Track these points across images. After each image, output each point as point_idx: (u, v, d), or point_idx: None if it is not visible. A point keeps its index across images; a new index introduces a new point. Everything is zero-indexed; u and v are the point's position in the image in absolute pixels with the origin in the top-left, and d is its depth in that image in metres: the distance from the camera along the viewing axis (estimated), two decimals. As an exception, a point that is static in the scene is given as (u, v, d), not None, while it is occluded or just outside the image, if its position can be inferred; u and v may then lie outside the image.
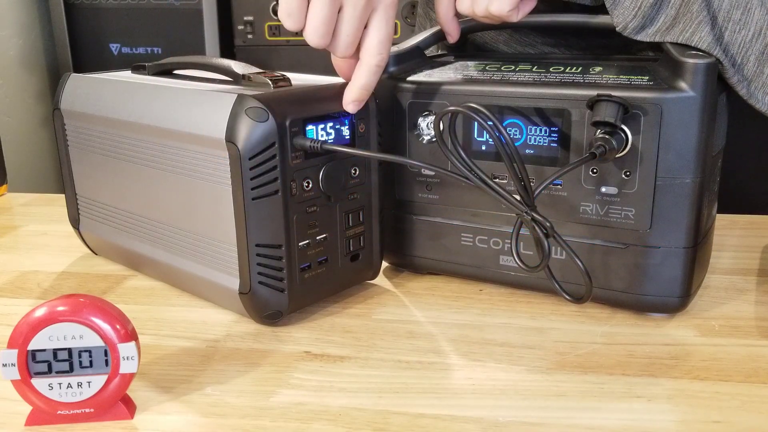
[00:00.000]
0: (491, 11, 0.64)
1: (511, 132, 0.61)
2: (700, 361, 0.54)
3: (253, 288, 0.58)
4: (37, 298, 0.68)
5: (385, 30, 0.58)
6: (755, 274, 0.70)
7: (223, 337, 0.59)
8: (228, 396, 0.51)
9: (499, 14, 0.64)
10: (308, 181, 0.59)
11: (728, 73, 0.59)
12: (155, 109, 0.62)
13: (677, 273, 0.59)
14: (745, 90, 0.59)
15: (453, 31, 0.70)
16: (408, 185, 0.68)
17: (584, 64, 0.62)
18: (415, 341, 0.58)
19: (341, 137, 0.61)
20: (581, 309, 0.63)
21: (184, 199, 0.62)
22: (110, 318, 0.46)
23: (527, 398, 0.50)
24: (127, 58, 1.95)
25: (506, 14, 0.64)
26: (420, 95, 0.65)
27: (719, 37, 0.58)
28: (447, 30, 0.70)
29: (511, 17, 0.64)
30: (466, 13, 0.67)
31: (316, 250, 0.61)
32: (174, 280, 0.68)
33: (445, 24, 0.70)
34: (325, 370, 0.54)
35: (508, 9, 0.63)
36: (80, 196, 0.75)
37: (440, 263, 0.68)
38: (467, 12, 0.67)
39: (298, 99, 0.58)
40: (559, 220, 0.61)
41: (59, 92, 0.72)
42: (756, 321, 0.60)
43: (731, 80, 0.59)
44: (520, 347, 0.57)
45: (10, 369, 0.46)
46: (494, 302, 0.65)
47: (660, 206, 0.57)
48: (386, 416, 0.48)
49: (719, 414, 0.48)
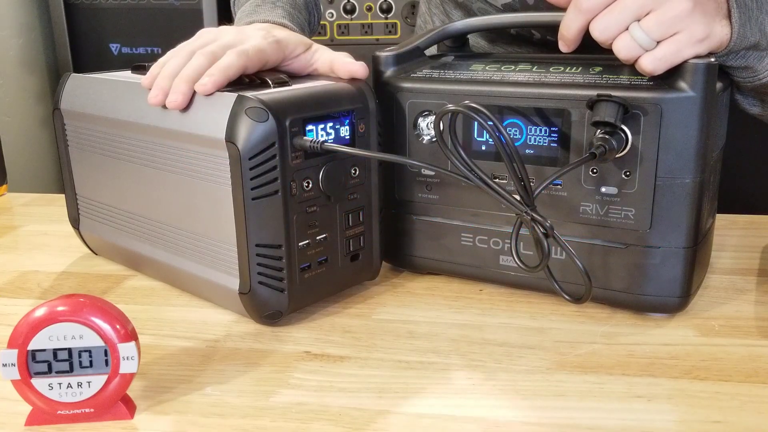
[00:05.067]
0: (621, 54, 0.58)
1: (511, 132, 0.61)
2: (700, 361, 0.54)
3: (253, 288, 0.58)
4: (37, 298, 0.68)
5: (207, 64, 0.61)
6: (755, 274, 0.70)
7: (223, 337, 0.59)
8: (228, 396, 0.51)
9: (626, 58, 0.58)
10: (308, 181, 0.59)
11: None
12: (155, 109, 0.62)
13: (677, 273, 0.59)
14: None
15: (573, 46, 0.62)
16: (408, 185, 0.68)
17: (584, 64, 0.62)
18: (415, 341, 0.58)
19: (341, 137, 0.61)
20: (581, 309, 0.63)
21: (184, 199, 0.62)
22: (110, 318, 0.46)
23: (527, 398, 0.50)
24: (127, 58, 1.95)
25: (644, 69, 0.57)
26: (420, 95, 0.65)
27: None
28: (568, 45, 0.62)
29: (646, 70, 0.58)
30: (599, 40, 0.59)
31: (316, 250, 0.61)
32: (174, 280, 0.68)
33: (570, 41, 0.61)
34: (325, 370, 0.54)
35: (650, 69, 0.57)
36: (80, 196, 0.75)
37: (440, 263, 0.68)
38: (601, 39, 0.59)
39: (298, 99, 0.58)
40: (559, 220, 0.61)
41: (59, 92, 0.72)
42: (756, 321, 0.60)
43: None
44: (520, 347, 0.57)
45: (10, 369, 0.46)
46: (494, 302, 0.65)
47: (660, 206, 0.57)
48: (386, 416, 0.48)
49: (719, 414, 0.48)
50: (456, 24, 0.72)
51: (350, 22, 1.87)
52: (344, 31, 1.88)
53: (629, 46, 0.56)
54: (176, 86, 0.59)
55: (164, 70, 0.61)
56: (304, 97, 0.59)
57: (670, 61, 0.56)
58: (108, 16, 1.93)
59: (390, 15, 1.86)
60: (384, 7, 1.85)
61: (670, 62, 0.56)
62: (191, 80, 0.59)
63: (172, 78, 0.60)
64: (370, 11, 1.86)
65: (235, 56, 0.60)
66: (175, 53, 0.63)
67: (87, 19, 1.94)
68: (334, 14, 1.87)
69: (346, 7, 1.86)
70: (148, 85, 0.62)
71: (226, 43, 0.62)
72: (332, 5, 1.86)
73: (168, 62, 0.62)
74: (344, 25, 1.87)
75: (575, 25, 0.59)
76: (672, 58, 0.56)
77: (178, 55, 0.62)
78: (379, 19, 1.86)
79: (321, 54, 0.67)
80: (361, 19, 1.87)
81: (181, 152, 0.61)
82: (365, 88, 0.63)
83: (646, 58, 0.56)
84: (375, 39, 1.87)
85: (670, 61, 0.56)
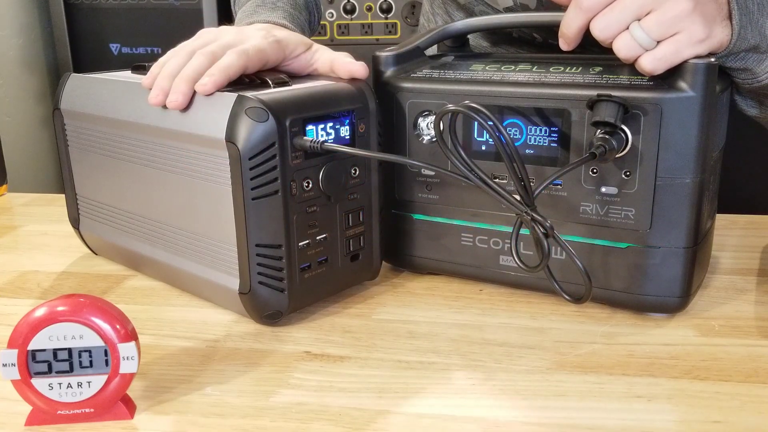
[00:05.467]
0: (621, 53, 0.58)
1: (511, 132, 0.61)
2: (700, 361, 0.54)
3: (253, 288, 0.58)
4: (37, 298, 0.68)
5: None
6: (755, 274, 0.70)
7: (223, 337, 0.59)
8: (228, 396, 0.51)
9: (626, 57, 0.58)
10: (308, 181, 0.59)
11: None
12: (155, 109, 0.62)
13: (677, 273, 0.59)
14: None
15: (573, 44, 0.62)
16: (408, 185, 0.68)
17: (584, 64, 0.62)
18: (415, 341, 0.58)
19: (341, 137, 0.61)
20: (581, 309, 0.63)
21: (184, 199, 0.62)
22: (110, 318, 0.46)
23: (527, 398, 0.50)
24: (127, 58, 1.95)
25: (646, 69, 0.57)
26: (420, 95, 0.65)
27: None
28: (568, 43, 0.62)
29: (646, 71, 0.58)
30: (599, 39, 0.59)
31: (316, 250, 0.61)
32: (174, 280, 0.68)
33: (570, 39, 0.61)
34: (325, 370, 0.54)
35: (649, 69, 0.57)
36: (80, 196, 0.75)
37: (440, 263, 0.68)
38: (601, 38, 0.59)
39: (298, 99, 0.58)
40: (559, 220, 0.61)
41: (59, 92, 0.72)
42: (756, 321, 0.60)
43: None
44: (520, 347, 0.57)
45: (10, 369, 0.46)
46: (494, 302, 0.65)
47: (660, 206, 0.57)
48: (386, 416, 0.48)
49: (719, 414, 0.48)
50: (456, 24, 0.72)
51: (350, 22, 1.87)
52: (344, 31, 1.88)
53: (629, 46, 0.56)
54: (176, 86, 0.59)
55: (164, 69, 0.61)
56: (304, 97, 0.59)
57: (669, 61, 0.56)
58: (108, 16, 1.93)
59: (390, 15, 1.86)
60: (384, 7, 1.85)
61: (670, 62, 0.56)
62: (191, 80, 0.59)
63: (172, 78, 0.60)
64: (370, 11, 1.86)
65: (236, 56, 0.60)
66: (175, 53, 0.63)
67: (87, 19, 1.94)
68: (334, 14, 1.87)
69: (346, 7, 1.86)
70: (149, 86, 0.62)
71: (227, 43, 0.62)
72: (332, 5, 1.86)
73: (168, 62, 0.62)
74: (344, 25, 1.87)
75: (576, 23, 0.59)
76: (672, 58, 0.56)
77: (178, 54, 0.62)
78: (379, 19, 1.86)
79: (321, 54, 0.67)
80: (361, 19, 1.87)
81: (181, 152, 0.61)
82: (365, 88, 0.63)
83: (646, 58, 0.56)
84: (375, 39, 1.87)
85: (670, 61, 0.56)
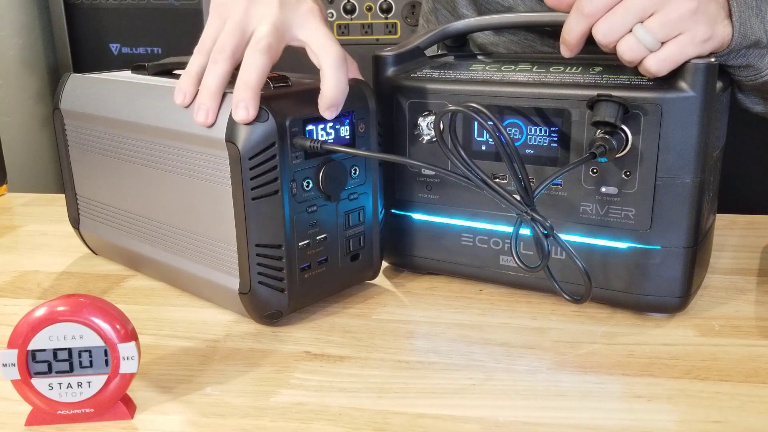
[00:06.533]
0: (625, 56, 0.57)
1: (511, 132, 0.61)
2: (700, 361, 0.54)
3: (253, 288, 0.58)
4: (37, 298, 0.68)
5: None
6: (755, 274, 0.70)
7: (223, 337, 0.59)
8: (228, 396, 0.51)
9: (630, 60, 0.57)
10: (308, 181, 0.59)
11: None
12: (155, 109, 0.62)
13: (677, 273, 0.59)
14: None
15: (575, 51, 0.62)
16: (408, 185, 0.68)
17: (584, 64, 0.62)
18: (415, 341, 0.58)
19: (341, 137, 0.61)
20: (581, 309, 0.63)
21: (184, 199, 0.62)
22: (110, 318, 0.46)
23: (527, 398, 0.50)
24: (127, 58, 1.95)
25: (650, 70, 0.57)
26: (420, 95, 0.64)
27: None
28: (570, 49, 0.62)
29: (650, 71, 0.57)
30: (602, 44, 0.58)
31: (316, 250, 0.61)
32: (174, 280, 0.68)
33: (573, 45, 0.61)
34: (325, 370, 0.54)
35: (654, 70, 0.57)
36: (80, 196, 0.75)
37: (440, 263, 0.68)
38: (603, 42, 0.58)
39: (298, 99, 0.58)
40: (559, 220, 0.61)
41: (59, 92, 0.72)
42: (756, 321, 0.60)
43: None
44: (520, 347, 0.57)
45: (10, 369, 0.46)
46: (494, 302, 0.65)
47: (660, 206, 0.57)
48: (386, 416, 0.48)
49: (719, 414, 0.48)
50: (456, 24, 0.72)
51: (350, 22, 1.87)
52: (344, 31, 1.88)
53: (633, 48, 0.56)
54: (203, 103, 0.58)
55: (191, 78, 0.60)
56: (304, 97, 0.59)
57: (674, 61, 0.56)
58: (108, 16, 1.93)
59: (390, 15, 1.86)
60: (384, 7, 1.85)
61: (675, 63, 0.56)
62: (218, 92, 0.58)
63: (197, 85, 0.59)
64: (370, 11, 1.86)
65: (259, 57, 0.57)
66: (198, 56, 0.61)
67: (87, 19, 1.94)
68: (334, 14, 1.87)
69: (346, 7, 1.86)
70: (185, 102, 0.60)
71: (239, 38, 0.59)
72: (332, 5, 1.86)
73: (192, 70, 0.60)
74: (344, 25, 1.87)
75: (578, 29, 0.59)
76: (676, 59, 0.56)
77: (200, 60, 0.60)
78: (379, 19, 1.86)
79: (308, 34, 0.62)
80: (361, 19, 1.87)
81: (181, 152, 0.61)
82: (365, 88, 0.63)
83: (651, 59, 0.56)
84: (375, 39, 1.87)
85: (675, 61, 0.56)
